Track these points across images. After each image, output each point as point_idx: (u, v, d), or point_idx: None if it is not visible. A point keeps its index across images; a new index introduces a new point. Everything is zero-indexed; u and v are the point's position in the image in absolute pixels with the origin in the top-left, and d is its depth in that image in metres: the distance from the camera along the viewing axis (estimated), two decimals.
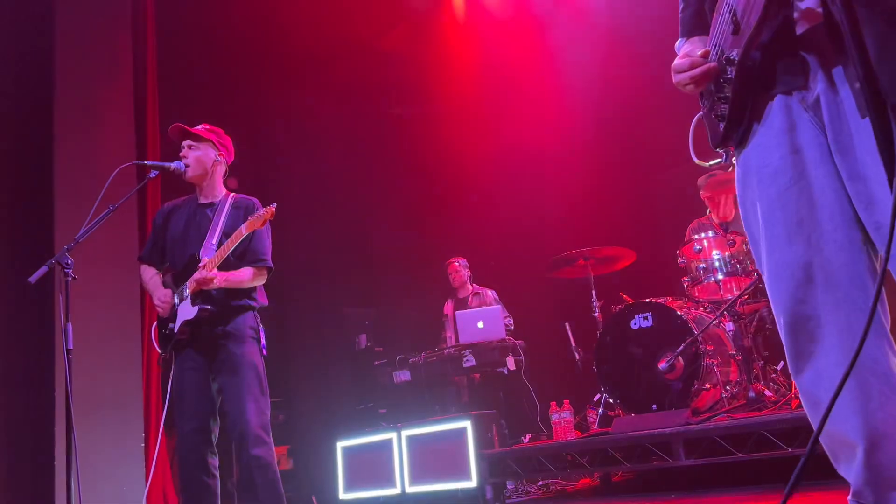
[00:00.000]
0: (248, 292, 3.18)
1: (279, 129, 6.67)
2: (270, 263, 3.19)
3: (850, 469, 1.45)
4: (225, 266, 3.04)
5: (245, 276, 3.10)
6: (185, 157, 3.19)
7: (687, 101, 1.76)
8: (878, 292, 1.05)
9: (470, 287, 6.09)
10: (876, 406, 1.41)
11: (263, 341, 3.14)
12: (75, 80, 5.06)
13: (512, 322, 5.65)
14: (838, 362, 1.43)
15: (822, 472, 2.39)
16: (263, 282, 3.22)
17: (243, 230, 2.96)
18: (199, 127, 3.27)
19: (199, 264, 3.00)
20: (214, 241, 3.09)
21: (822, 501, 2.53)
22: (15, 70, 5.14)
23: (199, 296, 3.01)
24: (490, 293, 5.96)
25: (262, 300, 3.25)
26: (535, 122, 6.69)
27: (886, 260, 0.98)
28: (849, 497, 1.47)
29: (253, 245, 3.15)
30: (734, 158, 1.65)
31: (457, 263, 6.10)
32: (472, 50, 7.07)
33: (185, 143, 3.21)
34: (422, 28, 7.16)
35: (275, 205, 2.99)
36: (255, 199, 3.21)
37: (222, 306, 3.07)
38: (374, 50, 7.07)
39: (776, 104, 1.51)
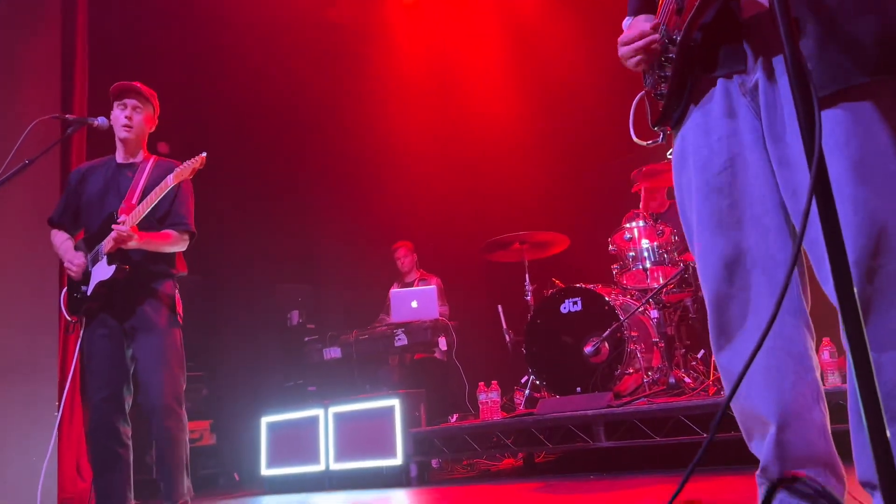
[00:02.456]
0: (168, 258, 3.07)
1: (215, 96, 6.43)
2: (193, 228, 3.07)
3: (762, 446, 1.49)
4: (145, 230, 2.91)
5: (166, 238, 2.99)
6: (130, 118, 3.05)
7: (629, 91, 1.77)
8: (790, 274, 1.08)
9: (416, 272, 6.05)
10: (790, 385, 1.45)
11: (180, 311, 3.03)
12: None
13: (448, 311, 5.64)
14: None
15: (733, 457, 2.50)
16: (185, 247, 3.10)
17: (170, 180, 2.84)
18: (140, 86, 3.13)
19: (119, 220, 2.86)
20: (135, 200, 2.95)
21: (733, 484, 2.62)
22: None
23: (117, 256, 2.87)
24: (435, 280, 5.94)
25: (182, 269, 3.14)
26: (478, 106, 6.71)
27: (800, 242, 1.01)
28: (757, 472, 1.51)
29: (175, 208, 3.04)
30: (673, 139, 1.67)
31: (404, 248, 6.05)
32: (418, 31, 7.01)
33: (130, 103, 3.05)
34: (370, 3, 7.04)
35: (204, 154, 2.87)
36: (178, 162, 3.06)
37: (140, 270, 2.95)
38: (320, 20, 6.91)
39: (716, 88, 1.52)
